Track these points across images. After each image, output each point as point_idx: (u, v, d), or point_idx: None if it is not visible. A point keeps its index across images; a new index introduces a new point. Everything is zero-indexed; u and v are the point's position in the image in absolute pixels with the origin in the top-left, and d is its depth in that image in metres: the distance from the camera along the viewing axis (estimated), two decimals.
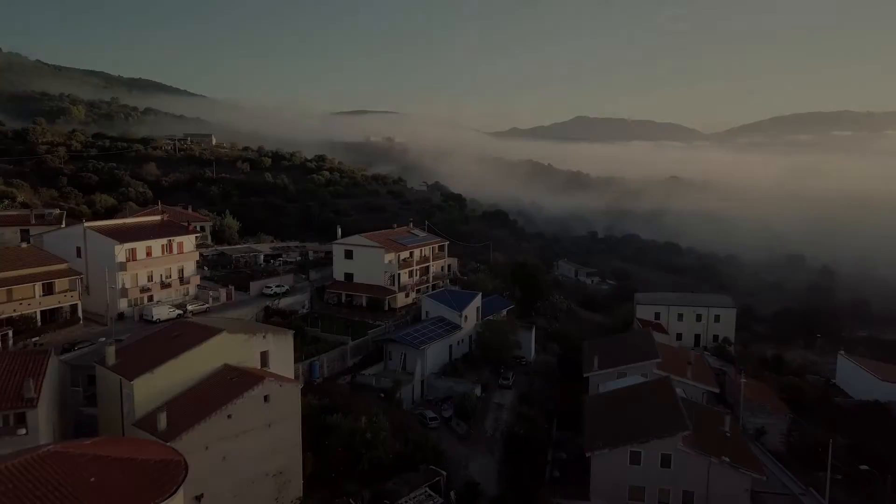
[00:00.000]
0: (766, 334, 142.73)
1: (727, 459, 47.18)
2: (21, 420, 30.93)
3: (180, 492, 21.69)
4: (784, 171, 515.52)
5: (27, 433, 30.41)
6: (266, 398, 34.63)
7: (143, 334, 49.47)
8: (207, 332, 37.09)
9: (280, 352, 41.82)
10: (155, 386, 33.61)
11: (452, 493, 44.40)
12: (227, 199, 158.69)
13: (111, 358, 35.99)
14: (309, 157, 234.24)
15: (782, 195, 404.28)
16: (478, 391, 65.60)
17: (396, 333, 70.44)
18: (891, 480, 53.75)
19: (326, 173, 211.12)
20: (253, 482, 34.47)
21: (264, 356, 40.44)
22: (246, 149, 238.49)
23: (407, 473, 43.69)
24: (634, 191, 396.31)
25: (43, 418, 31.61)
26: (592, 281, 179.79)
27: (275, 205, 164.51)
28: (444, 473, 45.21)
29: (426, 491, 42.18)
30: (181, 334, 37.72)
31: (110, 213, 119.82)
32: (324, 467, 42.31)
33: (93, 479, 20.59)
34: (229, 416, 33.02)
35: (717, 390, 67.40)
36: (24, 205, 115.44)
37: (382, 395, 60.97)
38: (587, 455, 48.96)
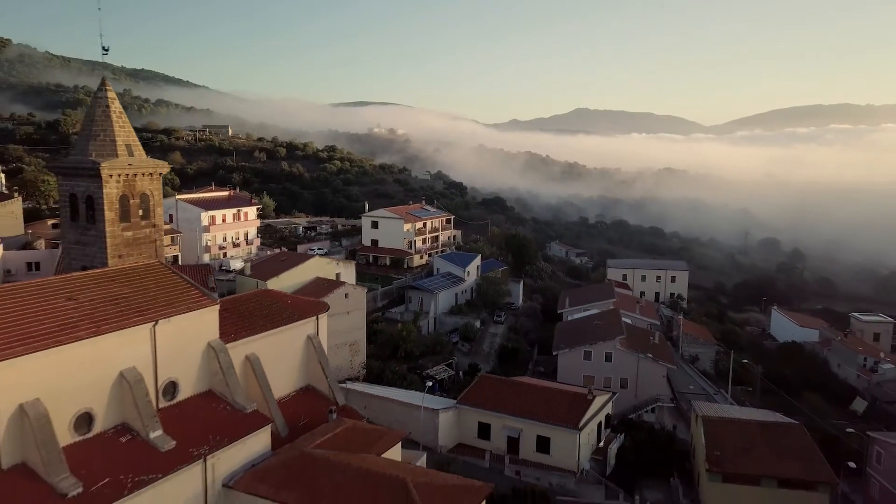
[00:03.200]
0: (728, 303, 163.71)
1: (650, 355, 68.12)
2: None
3: (325, 314, 42.34)
4: (772, 163, 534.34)
5: None
6: (346, 295, 55.18)
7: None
8: (306, 257, 57.87)
9: (347, 274, 62.65)
10: (280, 285, 53.93)
11: (460, 372, 65.40)
12: (248, 186, 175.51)
13: (248, 270, 56.82)
14: (320, 148, 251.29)
15: (767, 185, 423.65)
16: (477, 324, 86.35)
17: (415, 282, 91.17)
18: (762, 372, 75.15)
19: (337, 162, 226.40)
20: (338, 347, 55.08)
21: (338, 275, 61.22)
22: (261, 139, 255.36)
23: (430, 356, 64.74)
24: (627, 181, 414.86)
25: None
26: (581, 261, 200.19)
27: (291, 191, 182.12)
28: (456, 358, 66.24)
29: (443, 367, 63.09)
30: (288, 258, 58.41)
31: None
32: (375, 353, 63.18)
33: (290, 301, 41.11)
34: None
35: (657, 322, 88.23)
36: None
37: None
38: (554, 353, 69.91)
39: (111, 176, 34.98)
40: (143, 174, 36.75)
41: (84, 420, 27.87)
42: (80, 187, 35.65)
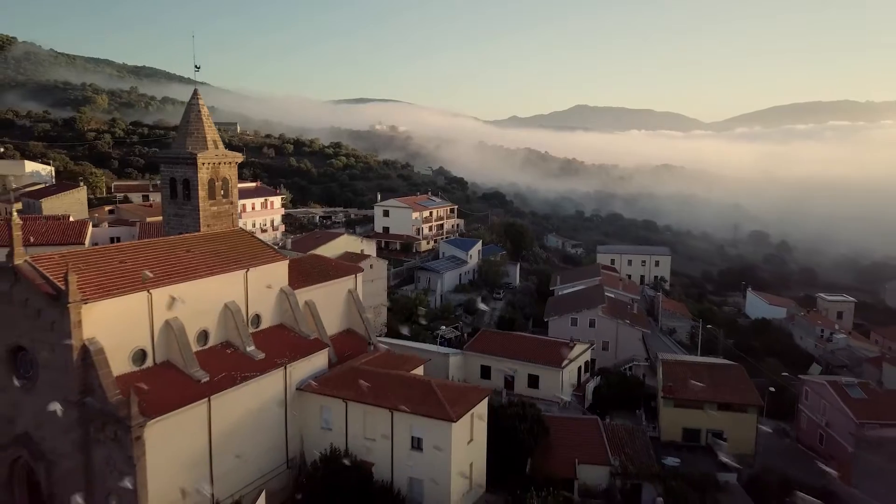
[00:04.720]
0: (712, 289, 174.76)
1: (627, 321, 79.39)
2: None
3: (361, 274, 53.56)
4: (767, 159, 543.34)
5: None
6: (371, 266, 66.43)
7: None
8: (336, 235, 69.23)
9: (369, 250, 74.02)
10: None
11: (465, 334, 76.75)
12: (259, 181, 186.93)
13: (289, 245, 68.12)
14: (326, 144, 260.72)
15: (761, 181, 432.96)
16: (479, 300, 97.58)
17: (424, 264, 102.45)
18: (723, 335, 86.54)
19: (343, 158, 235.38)
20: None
21: (362, 251, 72.60)
22: (268, 136, 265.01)
23: (440, 321, 76.13)
24: (625, 177, 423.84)
25: None
26: (577, 252, 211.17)
27: (300, 185, 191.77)
28: (461, 323, 77.64)
29: (451, 328, 74.44)
30: (321, 236, 69.69)
31: None
32: (394, 317, 74.49)
33: (334, 264, 52.41)
34: None
35: (638, 297, 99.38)
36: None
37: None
38: (546, 320, 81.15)
39: (203, 164, 46.13)
40: (224, 163, 47.93)
41: (202, 336, 39.15)
42: (179, 172, 46.79)
